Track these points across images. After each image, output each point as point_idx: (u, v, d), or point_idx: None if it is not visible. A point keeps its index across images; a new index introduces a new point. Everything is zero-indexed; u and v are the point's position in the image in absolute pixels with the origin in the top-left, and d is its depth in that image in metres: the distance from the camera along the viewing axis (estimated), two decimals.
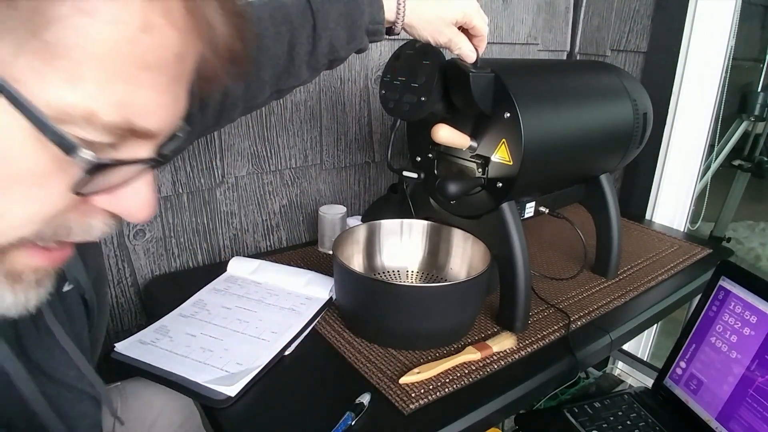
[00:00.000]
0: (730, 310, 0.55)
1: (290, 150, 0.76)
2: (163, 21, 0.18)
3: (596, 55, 1.03)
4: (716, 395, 0.54)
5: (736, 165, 1.67)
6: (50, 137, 0.17)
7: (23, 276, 0.21)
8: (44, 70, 0.16)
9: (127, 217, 0.21)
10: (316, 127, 0.77)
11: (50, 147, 0.17)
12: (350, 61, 0.78)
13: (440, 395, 0.45)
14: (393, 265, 0.63)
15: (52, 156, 0.18)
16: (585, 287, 0.66)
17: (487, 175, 0.53)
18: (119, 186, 0.20)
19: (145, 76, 0.18)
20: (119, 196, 0.20)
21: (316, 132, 0.78)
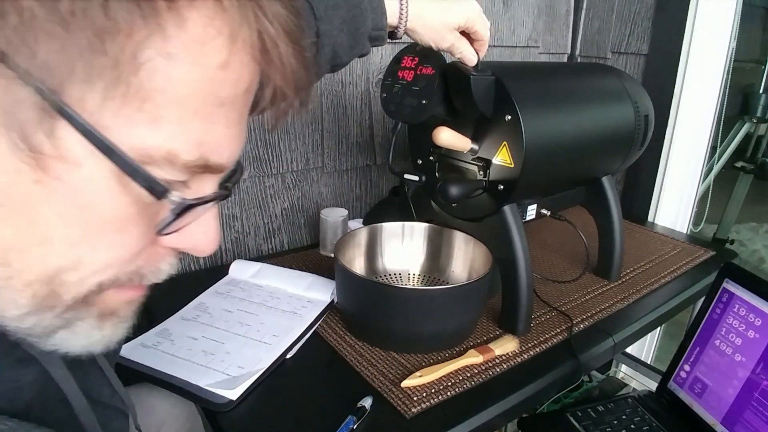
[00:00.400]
0: (734, 313, 0.55)
1: (292, 153, 0.76)
2: (238, 58, 0.18)
3: (597, 57, 1.03)
4: (721, 399, 0.53)
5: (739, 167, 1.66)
6: (141, 183, 0.17)
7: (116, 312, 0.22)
8: (129, 114, 0.17)
9: (194, 251, 0.21)
10: (318, 131, 0.78)
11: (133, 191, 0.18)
12: (351, 65, 0.78)
13: (442, 399, 0.45)
14: (394, 268, 0.63)
15: (133, 200, 0.18)
16: (587, 290, 0.65)
17: (488, 178, 0.53)
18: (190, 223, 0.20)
19: (219, 112, 0.19)
20: (188, 232, 0.20)
21: (318, 135, 0.78)
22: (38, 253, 0.18)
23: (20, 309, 0.19)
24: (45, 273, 0.18)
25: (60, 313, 0.20)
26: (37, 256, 0.18)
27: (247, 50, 0.19)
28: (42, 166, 0.16)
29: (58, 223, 0.17)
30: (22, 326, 0.20)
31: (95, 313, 0.21)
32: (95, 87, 0.16)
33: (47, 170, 0.16)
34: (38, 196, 0.17)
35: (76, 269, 0.19)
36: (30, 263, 0.18)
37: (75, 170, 0.17)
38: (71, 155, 0.16)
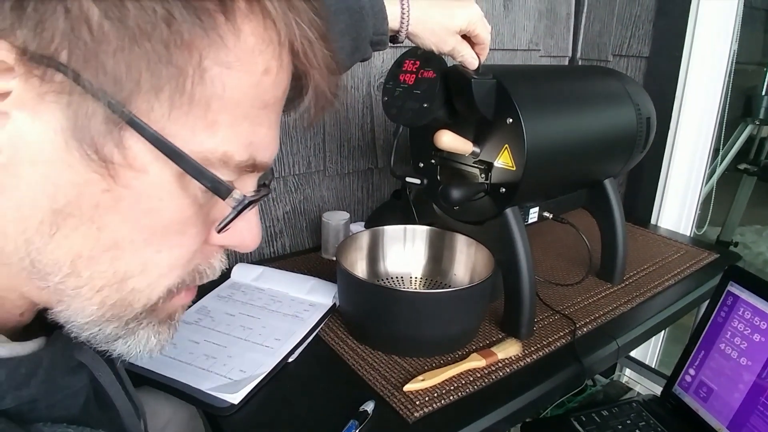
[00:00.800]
0: (739, 316, 0.54)
1: (293, 157, 0.76)
2: (280, 64, 0.20)
3: (598, 60, 1.03)
4: (727, 403, 0.53)
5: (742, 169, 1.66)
6: (207, 184, 0.19)
7: (173, 316, 0.24)
8: (191, 120, 0.18)
9: (240, 247, 0.23)
10: (320, 134, 0.78)
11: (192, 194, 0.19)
12: (353, 69, 0.78)
13: (445, 403, 0.45)
14: (396, 272, 0.63)
15: (191, 202, 0.19)
16: (590, 293, 0.65)
17: (490, 181, 0.53)
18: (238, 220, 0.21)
19: (264, 114, 0.20)
20: (235, 230, 0.21)
21: (319, 139, 0.78)
22: (107, 260, 0.19)
23: (88, 317, 0.20)
24: (114, 278, 0.19)
25: (126, 323, 0.21)
26: (105, 263, 0.19)
27: (287, 56, 0.20)
28: (112, 174, 0.17)
29: (125, 228, 0.19)
30: (83, 334, 0.21)
31: (156, 319, 0.22)
32: (161, 96, 0.17)
33: (116, 179, 0.17)
34: (107, 204, 0.18)
35: (143, 274, 0.20)
36: (99, 270, 0.19)
37: (141, 177, 0.18)
38: (138, 163, 0.18)
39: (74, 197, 0.17)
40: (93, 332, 0.21)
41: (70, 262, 0.19)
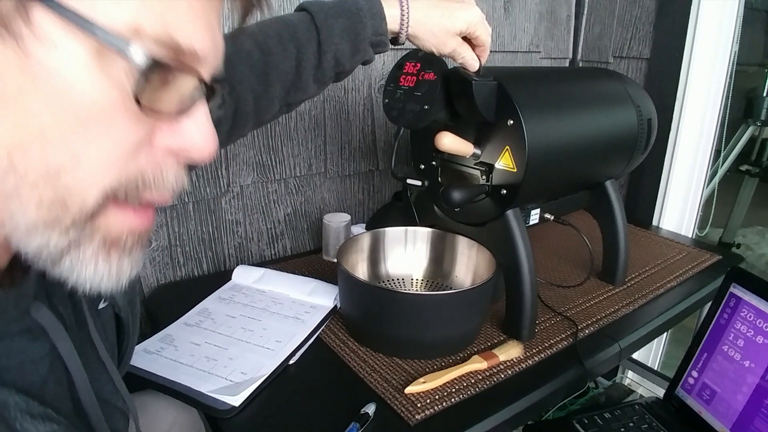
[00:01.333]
0: (742, 318, 0.54)
1: (295, 159, 0.76)
2: None
3: (599, 62, 1.03)
4: (730, 406, 0.52)
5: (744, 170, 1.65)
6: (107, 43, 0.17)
7: (121, 241, 0.22)
8: None
9: (193, 151, 0.21)
10: (320, 136, 0.78)
11: (112, 73, 0.18)
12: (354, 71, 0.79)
13: (446, 405, 0.45)
14: (397, 273, 0.63)
15: (112, 84, 0.18)
16: (592, 295, 0.65)
17: (491, 182, 0.53)
18: (178, 113, 0.20)
19: None
20: (181, 129, 0.21)
21: (320, 141, 0.78)
22: (37, 150, 0.18)
23: (29, 219, 0.19)
24: (47, 172, 0.18)
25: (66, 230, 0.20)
26: (36, 154, 0.18)
27: None
28: (25, 52, 0.17)
29: (48, 113, 0.18)
30: (31, 245, 0.20)
31: (99, 238, 0.21)
32: None
33: (29, 55, 0.17)
34: (27, 87, 0.17)
35: (75, 168, 0.19)
36: (31, 162, 0.18)
37: (52, 52, 0.17)
38: (47, 36, 0.17)
39: None
40: (39, 244, 0.20)
41: (7, 155, 0.18)
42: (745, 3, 0.83)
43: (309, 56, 0.43)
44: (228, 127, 0.44)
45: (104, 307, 0.33)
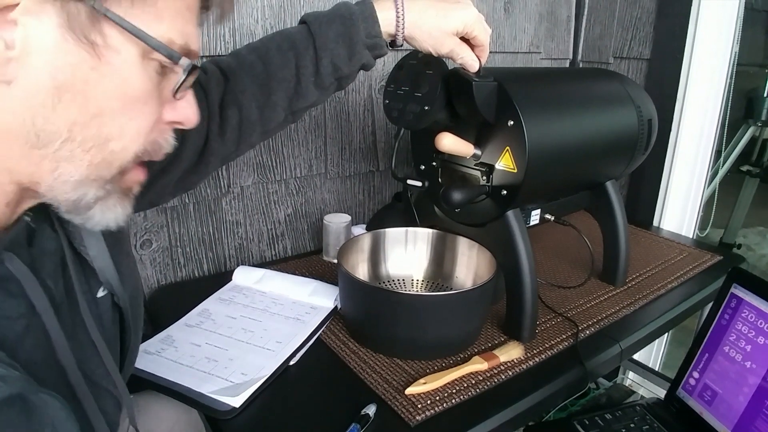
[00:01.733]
0: (743, 319, 0.54)
1: (295, 159, 0.76)
2: None
3: (599, 62, 1.03)
4: (732, 407, 0.52)
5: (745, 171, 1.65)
6: (163, 52, 0.26)
7: (131, 190, 0.30)
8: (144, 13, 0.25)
9: (187, 123, 0.29)
10: (321, 137, 0.78)
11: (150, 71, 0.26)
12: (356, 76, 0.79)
13: (447, 406, 0.45)
14: (398, 274, 0.63)
15: (150, 77, 0.26)
16: (593, 295, 0.65)
17: (491, 183, 0.53)
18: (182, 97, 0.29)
19: (188, 14, 0.28)
20: (179, 107, 0.29)
21: (321, 141, 0.78)
22: (95, 125, 0.25)
23: (80, 175, 0.26)
24: (99, 140, 0.26)
25: (104, 184, 0.27)
26: (94, 128, 0.25)
27: None
28: (97, 54, 0.24)
29: (107, 99, 0.25)
30: (72, 196, 0.26)
31: (120, 189, 0.28)
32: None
33: (100, 57, 0.24)
34: (94, 80, 0.24)
35: (120, 138, 0.26)
36: (89, 134, 0.25)
37: (116, 56, 0.25)
38: (114, 44, 0.25)
39: (70, 75, 0.24)
40: (81, 193, 0.26)
41: (68, 130, 0.25)
42: (746, 3, 0.83)
43: (307, 63, 0.44)
44: (235, 137, 0.46)
45: (103, 296, 0.34)
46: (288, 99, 0.45)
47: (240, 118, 0.45)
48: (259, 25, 0.67)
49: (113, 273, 0.34)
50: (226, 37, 0.65)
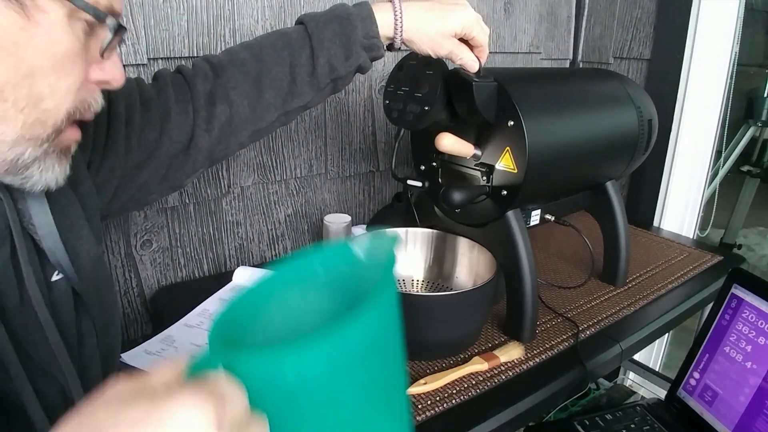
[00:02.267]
0: (743, 319, 0.54)
1: (295, 160, 0.76)
2: None
3: (599, 63, 1.03)
4: (732, 407, 0.52)
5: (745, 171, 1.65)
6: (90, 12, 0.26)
7: (69, 149, 0.30)
8: None
9: (113, 82, 0.30)
10: (321, 137, 0.78)
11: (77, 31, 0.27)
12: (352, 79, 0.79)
13: (447, 407, 0.45)
14: (398, 274, 0.63)
15: (77, 37, 0.27)
16: (593, 296, 0.65)
17: (491, 183, 0.53)
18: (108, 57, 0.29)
19: None
20: (106, 67, 0.30)
21: (321, 142, 0.78)
22: (26, 85, 0.26)
23: (16, 135, 0.26)
24: (31, 100, 0.26)
25: (41, 143, 0.27)
26: (25, 88, 0.26)
27: None
28: (26, 14, 0.24)
29: (36, 59, 0.25)
30: (8, 157, 0.27)
31: (58, 148, 0.29)
32: None
33: (29, 17, 0.25)
34: (23, 40, 0.25)
35: (51, 96, 0.27)
36: (21, 94, 0.26)
37: (44, 15, 0.25)
38: (41, 3, 0.25)
39: (1, 37, 0.24)
40: (17, 153, 0.27)
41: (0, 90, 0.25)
42: (746, 4, 0.83)
43: (302, 62, 0.44)
44: (221, 133, 0.44)
45: (58, 279, 0.33)
46: (281, 98, 0.45)
47: (230, 114, 0.44)
48: (259, 25, 0.67)
49: (64, 255, 0.33)
50: (226, 37, 0.65)
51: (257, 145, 0.73)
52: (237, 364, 0.19)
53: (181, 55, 0.62)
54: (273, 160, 0.74)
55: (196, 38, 0.63)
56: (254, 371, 0.18)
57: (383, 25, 0.44)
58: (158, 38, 0.60)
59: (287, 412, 0.19)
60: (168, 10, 0.60)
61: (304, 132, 0.76)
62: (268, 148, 0.74)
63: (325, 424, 0.20)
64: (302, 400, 0.19)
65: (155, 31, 0.60)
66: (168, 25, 0.60)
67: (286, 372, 0.18)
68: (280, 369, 0.18)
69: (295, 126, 0.75)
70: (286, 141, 0.75)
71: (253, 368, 0.18)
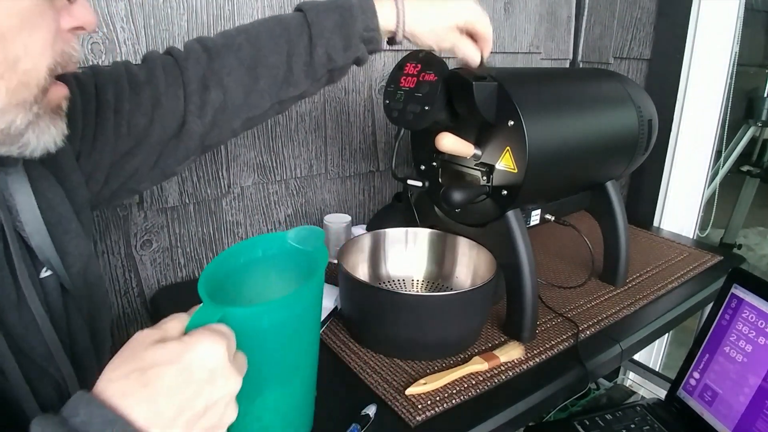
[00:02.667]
0: (743, 319, 0.54)
1: (295, 160, 0.76)
2: None
3: (599, 63, 1.03)
4: (732, 407, 0.52)
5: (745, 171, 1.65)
6: None
7: (60, 107, 0.30)
8: None
9: (86, 25, 0.29)
10: (321, 137, 0.78)
11: None
12: (354, 72, 0.79)
13: (447, 407, 0.45)
14: (398, 274, 0.63)
15: None
16: (593, 296, 0.65)
17: (491, 183, 0.53)
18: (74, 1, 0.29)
19: None
20: (75, 13, 0.29)
21: (321, 142, 0.78)
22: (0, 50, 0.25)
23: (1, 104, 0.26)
24: (8, 63, 0.25)
25: (30, 107, 0.27)
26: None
27: None
28: None
29: (3, 18, 0.25)
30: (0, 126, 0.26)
31: (49, 108, 0.28)
32: None
33: None
34: None
35: (26, 56, 0.26)
36: None
37: None
38: None
39: None
40: (8, 121, 0.26)
41: None
42: (746, 4, 0.83)
43: (300, 51, 0.43)
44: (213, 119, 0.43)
45: (47, 276, 0.33)
46: (277, 87, 0.44)
47: (224, 100, 0.43)
48: None
49: (52, 251, 0.33)
50: None
51: (257, 145, 0.73)
52: (229, 315, 0.27)
53: None
54: (273, 160, 0.74)
55: None
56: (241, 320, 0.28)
57: (384, 18, 0.43)
58: (158, 38, 0.60)
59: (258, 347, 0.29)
60: (168, 10, 0.60)
61: (304, 132, 0.76)
62: (268, 148, 0.74)
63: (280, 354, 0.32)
64: (269, 338, 0.31)
65: (155, 31, 0.60)
66: (168, 25, 0.60)
67: (263, 319, 0.30)
68: (259, 318, 0.29)
69: (295, 126, 0.75)
70: (286, 141, 0.75)
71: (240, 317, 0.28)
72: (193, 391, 0.24)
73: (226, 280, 0.34)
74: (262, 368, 0.29)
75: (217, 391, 0.24)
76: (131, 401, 0.22)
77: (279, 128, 0.74)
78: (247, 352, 0.28)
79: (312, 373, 0.38)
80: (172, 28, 0.61)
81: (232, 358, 0.26)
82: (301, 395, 0.38)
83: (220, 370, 0.24)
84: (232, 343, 0.26)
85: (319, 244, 0.36)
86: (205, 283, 0.30)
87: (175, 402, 0.23)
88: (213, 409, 0.24)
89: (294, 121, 0.75)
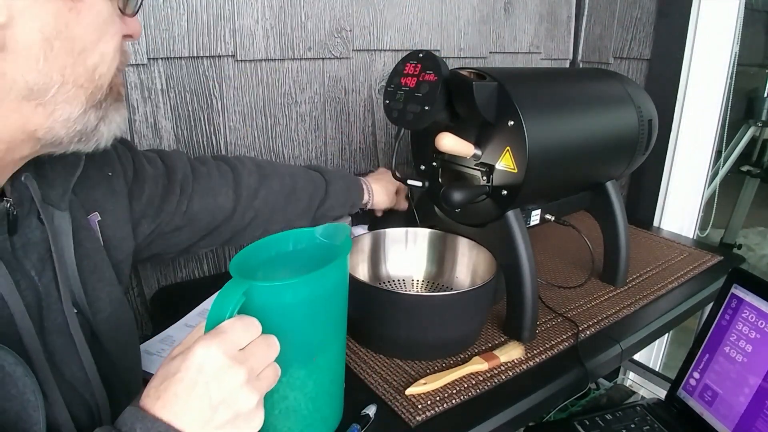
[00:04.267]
0: (743, 319, 0.54)
1: (295, 160, 0.76)
2: None
3: (599, 63, 1.03)
4: (732, 407, 0.52)
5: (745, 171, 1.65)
6: None
7: (120, 93, 0.32)
8: None
9: (136, 35, 0.32)
10: (321, 137, 0.78)
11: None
12: (354, 72, 0.79)
13: (447, 407, 0.45)
14: (398, 274, 0.63)
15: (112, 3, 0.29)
16: (593, 296, 0.65)
17: (491, 183, 0.53)
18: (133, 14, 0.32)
19: None
20: (130, 22, 0.32)
21: (321, 142, 0.78)
22: (81, 61, 0.28)
23: (80, 108, 0.28)
24: (87, 72, 0.28)
25: (100, 104, 0.30)
26: (81, 64, 0.28)
27: None
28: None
29: (86, 34, 0.27)
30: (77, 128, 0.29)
31: (114, 95, 0.31)
32: None
33: None
34: (73, 21, 0.27)
35: (103, 62, 0.29)
36: (79, 71, 0.28)
37: None
38: None
39: (54, 23, 0.26)
40: (85, 122, 0.29)
41: (60, 75, 0.27)
42: (746, 4, 0.83)
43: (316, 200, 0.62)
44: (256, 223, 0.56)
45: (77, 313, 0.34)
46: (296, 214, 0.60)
47: (261, 211, 0.56)
48: (259, 25, 0.67)
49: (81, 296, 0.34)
50: (226, 37, 0.65)
51: (257, 145, 0.73)
52: (254, 289, 0.30)
53: (181, 55, 0.62)
54: (273, 160, 0.74)
55: (196, 38, 0.63)
56: (265, 294, 0.31)
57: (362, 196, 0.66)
58: (158, 38, 0.60)
59: (281, 323, 0.31)
60: (168, 10, 0.60)
61: (304, 132, 0.76)
62: (268, 148, 0.74)
63: (304, 333, 0.34)
64: (292, 314, 0.32)
65: (155, 31, 0.60)
66: (168, 25, 0.60)
67: (286, 294, 0.32)
68: (282, 293, 0.32)
69: (295, 126, 0.75)
70: (286, 141, 0.75)
71: (264, 291, 0.31)
72: (201, 392, 0.26)
73: (257, 269, 0.36)
74: (285, 345, 0.30)
75: (225, 385, 0.27)
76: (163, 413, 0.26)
77: (279, 128, 0.74)
78: (270, 328, 0.30)
79: (339, 359, 0.39)
80: (172, 28, 0.61)
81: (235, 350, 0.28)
82: (329, 381, 0.38)
83: (220, 367, 0.27)
84: (230, 338, 0.28)
85: (345, 237, 0.38)
86: (237, 264, 0.33)
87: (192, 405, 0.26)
88: (228, 401, 0.27)
89: (294, 121, 0.75)
